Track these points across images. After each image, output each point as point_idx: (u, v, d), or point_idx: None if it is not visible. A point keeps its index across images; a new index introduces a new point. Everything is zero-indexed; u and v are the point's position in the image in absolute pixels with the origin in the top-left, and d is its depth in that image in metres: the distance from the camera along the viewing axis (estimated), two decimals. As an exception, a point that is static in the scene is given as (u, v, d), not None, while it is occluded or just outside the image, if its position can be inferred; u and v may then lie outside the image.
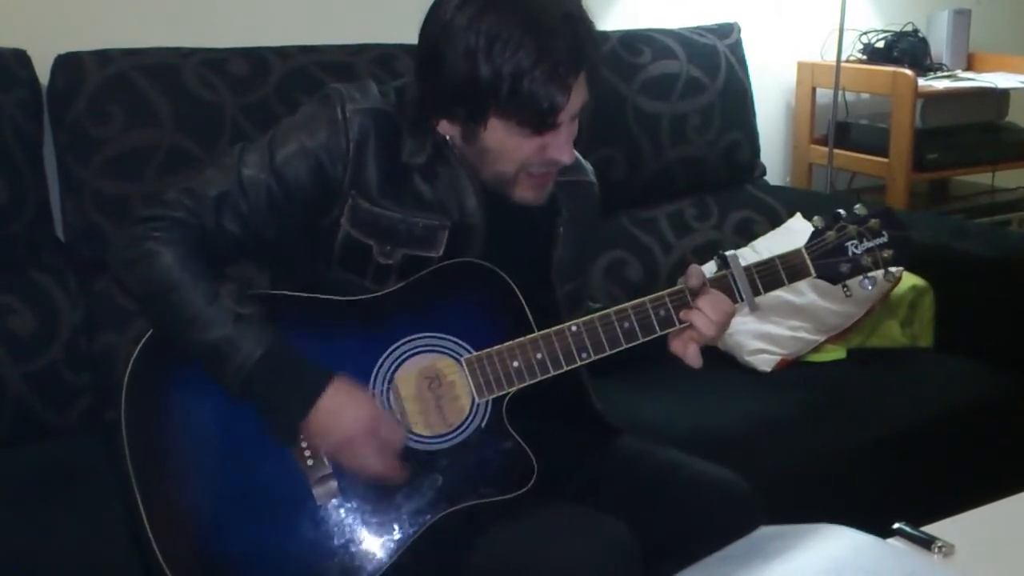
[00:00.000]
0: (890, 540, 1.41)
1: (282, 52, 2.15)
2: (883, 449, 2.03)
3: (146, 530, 1.35)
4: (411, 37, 1.45)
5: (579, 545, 1.35)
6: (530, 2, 1.36)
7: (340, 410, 1.37)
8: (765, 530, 1.45)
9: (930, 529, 1.43)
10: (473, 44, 1.35)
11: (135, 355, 1.40)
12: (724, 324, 1.48)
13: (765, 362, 2.21)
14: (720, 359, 2.19)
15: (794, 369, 2.22)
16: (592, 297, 1.70)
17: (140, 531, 1.36)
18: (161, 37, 2.11)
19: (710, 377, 1.97)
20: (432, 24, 1.40)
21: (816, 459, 1.96)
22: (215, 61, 2.08)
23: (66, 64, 2.00)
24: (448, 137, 1.46)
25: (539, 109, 1.36)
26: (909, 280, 2.30)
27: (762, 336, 2.23)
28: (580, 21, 1.39)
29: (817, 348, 2.26)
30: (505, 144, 1.41)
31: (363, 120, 1.45)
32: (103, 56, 2.01)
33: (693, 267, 1.51)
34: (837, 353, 2.27)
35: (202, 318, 1.36)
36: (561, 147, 1.42)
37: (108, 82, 1.98)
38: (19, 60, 1.97)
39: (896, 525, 1.43)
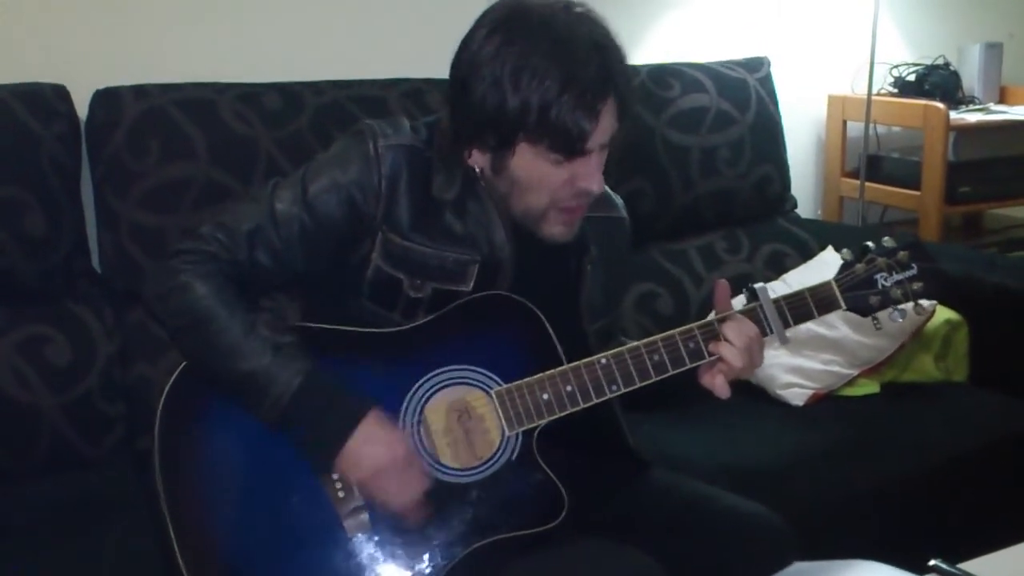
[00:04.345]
0: (925, 577, 1.39)
1: (315, 87, 2.18)
2: (918, 484, 2.01)
3: (178, 561, 1.35)
4: (441, 72, 1.47)
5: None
6: (557, 31, 1.37)
7: (375, 442, 1.37)
8: (798, 566, 1.43)
9: (967, 566, 1.40)
10: (499, 73, 1.36)
11: (169, 386, 1.41)
12: (752, 353, 1.46)
13: (797, 396, 2.19)
14: (752, 393, 2.17)
15: (827, 403, 2.20)
16: (625, 332, 1.69)
17: (172, 562, 1.36)
18: (197, 72, 2.15)
19: (742, 411, 1.98)
20: (461, 54, 1.42)
21: (850, 494, 1.94)
22: (250, 96, 2.11)
23: (104, 99, 2.03)
24: (479, 168, 1.47)
25: (568, 135, 1.37)
26: (943, 314, 2.28)
27: (794, 370, 2.21)
28: (608, 49, 1.39)
29: (850, 382, 2.24)
30: (534, 173, 1.41)
31: (395, 156, 1.46)
32: (140, 91, 2.04)
33: (720, 283, 1.49)
34: (870, 387, 2.25)
35: (239, 348, 1.36)
36: (590, 176, 1.42)
37: (145, 116, 2.01)
38: (59, 95, 2.01)
39: (932, 562, 1.41)
